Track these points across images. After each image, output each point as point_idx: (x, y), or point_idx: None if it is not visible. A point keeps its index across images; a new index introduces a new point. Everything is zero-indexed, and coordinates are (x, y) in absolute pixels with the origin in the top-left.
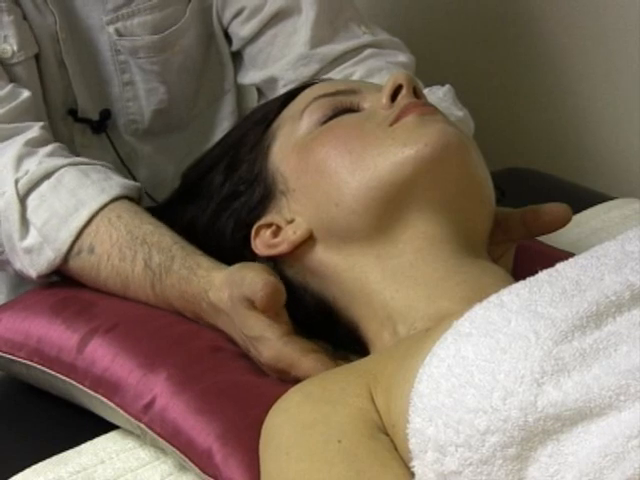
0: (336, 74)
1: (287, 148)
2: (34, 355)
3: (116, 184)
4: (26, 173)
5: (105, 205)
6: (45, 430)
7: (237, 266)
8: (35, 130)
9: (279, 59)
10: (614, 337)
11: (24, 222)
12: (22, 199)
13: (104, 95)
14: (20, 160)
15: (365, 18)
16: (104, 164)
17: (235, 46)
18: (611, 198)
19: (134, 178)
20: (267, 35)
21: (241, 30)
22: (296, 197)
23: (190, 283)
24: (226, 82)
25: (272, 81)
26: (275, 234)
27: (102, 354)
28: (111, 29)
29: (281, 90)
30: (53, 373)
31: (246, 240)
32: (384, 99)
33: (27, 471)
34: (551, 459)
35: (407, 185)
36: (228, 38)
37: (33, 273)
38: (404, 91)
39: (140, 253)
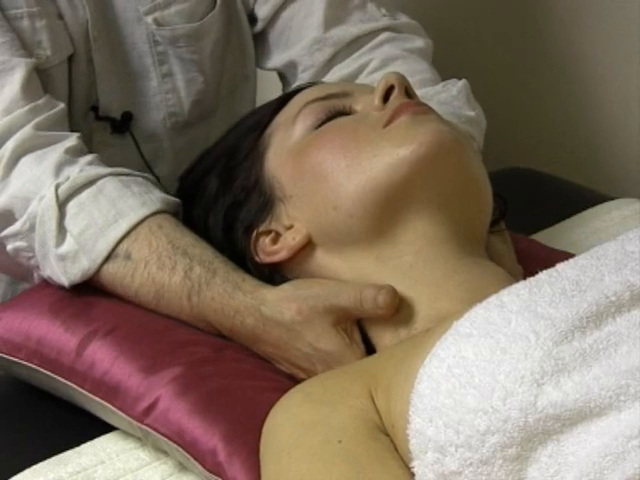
0: (352, 61)
1: (282, 154)
2: (34, 357)
3: (157, 198)
4: (67, 179)
5: (145, 218)
6: (45, 430)
7: (299, 281)
8: (73, 139)
9: (296, 43)
10: (614, 337)
11: (61, 229)
12: (61, 205)
13: (136, 91)
14: (61, 167)
15: (385, 2)
16: (144, 175)
17: (258, 27)
18: (611, 198)
19: (156, 177)
20: (283, 18)
21: (260, 11)
22: (293, 203)
23: (234, 297)
24: (247, 68)
25: (292, 66)
26: (274, 241)
27: (101, 357)
28: (149, 19)
29: (301, 76)
30: (53, 375)
31: (245, 247)
32: (376, 100)
33: (27, 471)
34: (551, 459)
35: (404, 186)
36: (251, 21)
37: (65, 281)
38: (396, 92)
39: (180, 264)
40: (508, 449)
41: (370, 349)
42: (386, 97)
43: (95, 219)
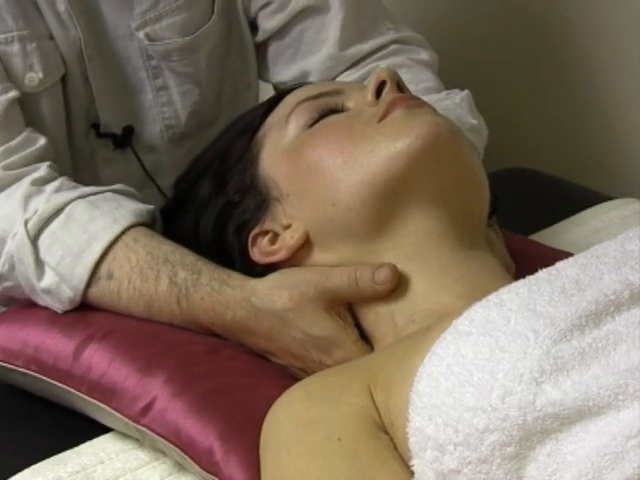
0: (359, 69)
1: (276, 155)
2: (31, 364)
3: (127, 212)
4: (35, 212)
5: (119, 236)
6: (44, 430)
7: (289, 270)
8: (42, 170)
9: (308, 55)
10: (613, 336)
11: (39, 263)
12: (33, 240)
13: (134, 105)
14: (28, 200)
15: (389, 13)
16: (114, 189)
17: (260, 37)
18: (610, 198)
19: (159, 189)
20: (294, 31)
21: (267, 22)
22: (291, 201)
23: (223, 293)
24: (249, 76)
25: (304, 78)
26: (272, 241)
27: (98, 360)
28: (141, 34)
29: None
30: (50, 381)
31: (242, 249)
32: (369, 96)
33: (26, 471)
34: (550, 458)
35: (402, 179)
36: (252, 29)
37: (58, 310)
38: (388, 86)
39: (163, 271)
40: (507, 448)
41: (365, 341)
42: (378, 92)
43: (69, 247)
